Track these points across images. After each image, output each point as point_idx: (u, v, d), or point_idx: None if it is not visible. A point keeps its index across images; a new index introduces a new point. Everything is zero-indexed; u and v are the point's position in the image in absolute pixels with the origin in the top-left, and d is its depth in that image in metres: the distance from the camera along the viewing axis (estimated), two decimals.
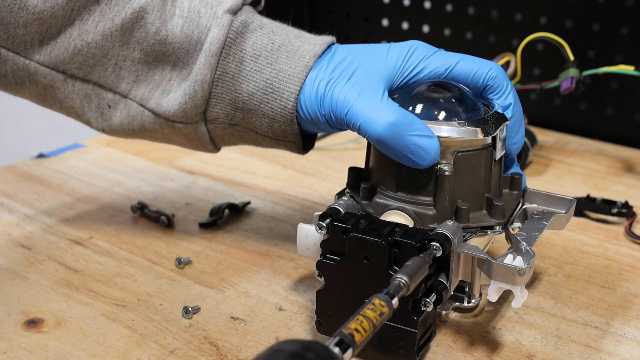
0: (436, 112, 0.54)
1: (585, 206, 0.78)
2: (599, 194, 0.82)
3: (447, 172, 0.53)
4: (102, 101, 0.60)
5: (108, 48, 0.58)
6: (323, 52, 0.58)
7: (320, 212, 0.55)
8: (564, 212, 0.59)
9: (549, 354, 0.56)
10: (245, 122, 0.59)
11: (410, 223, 0.54)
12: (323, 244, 0.53)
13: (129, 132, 0.62)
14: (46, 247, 0.69)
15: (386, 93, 0.54)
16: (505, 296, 0.62)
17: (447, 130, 0.53)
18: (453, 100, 0.55)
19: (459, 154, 0.53)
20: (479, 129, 0.53)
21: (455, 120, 0.54)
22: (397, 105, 0.53)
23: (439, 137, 0.53)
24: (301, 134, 0.59)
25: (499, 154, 0.56)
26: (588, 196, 0.79)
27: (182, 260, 0.67)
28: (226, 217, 0.76)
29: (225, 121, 0.59)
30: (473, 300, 0.59)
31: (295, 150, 0.61)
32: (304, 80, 0.56)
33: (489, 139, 0.54)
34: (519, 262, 0.51)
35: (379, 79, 0.55)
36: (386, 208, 0.55)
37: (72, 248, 0.69)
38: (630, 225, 0.75)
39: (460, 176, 0.54)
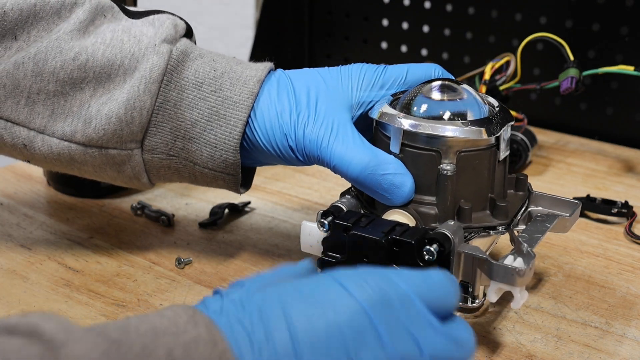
0: (440, 112, 0.54)
1: (585, 206, 0.78)
2: (599, 194, 0.82)
3: (449, 172, 0.53)
4: (17, 140, 0.58)
5: (19, 78, 0.56)
6: (265, 78, 0.58)
7: (323, 210, 0.55)
8: (568, 215, 0.59)
9: (549, 354, 0.56)
10: (185, 153, 0.58)
11: (412, 222, 0.54)
12: (324, 242, 0.53)
13: (56, 166, 0.60)
14: (46, 247, 0.69)
15: (355, 130, 0.56)
16: (506, 296, 0.62)
17: (451, 130, 0.53)
18: (457, 100, 0.55)
19: (462, 153, 0.53)
20: (483, 129, 0.53)
21: (459, 120, 0.54)
22: (368, 144, 0.55)
23: (442, 136, 0.53)
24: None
25: (503, 154, 0.56)
26: (588, 196, 0.79)
27: (182, 260, 0.67)
28: (226, 217, 0.75)
29: (164, 151, 0.58)
30: (477, 301, 0.59)
31: (232, 186, 0.60)
32: (252, 108, 0.56)
33: (492, 139, 0.54)
34: (519, 263, 0.51)
35: (344, 112, 0.56)
36: (389, 207, 0.55)
37: (72, 248, 0.69)
38: (630, 225, 0.75)
39: (463, 176, 0.54)
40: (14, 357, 0.32)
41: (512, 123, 0.56)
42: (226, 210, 0.76)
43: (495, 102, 0.58)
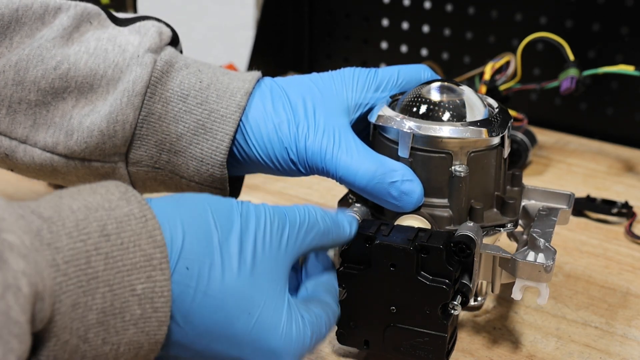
0: (447, 114, 0.54)
1: (585, 206, 0.78)
2: (599, 194, 0.82)
3: (463, 174, 0.53)
4: None
5: (0, 87, 0.54)
6: (254, 89, 0.56)
7: None
8: (567, 207, 0.59)
9: (549, 354, 0.56)
10: (171, 166, 0.56)
11: (427, 226, 0.54)
12: (343, 254, 0.52)
13: (40, 175, 0.58)
14: None
15: (356, 136, 0.55)
16: (506, 296, 0.62)
17: (461, 131, 0.53)
18: (460, 100, 0.55)
19: (472, 154, 0.53)
20: (492, 129, 0.53)
21: (465, 121, 0.54)
22: (372, 151, 0.54)
23: (456, 138, 0.53)
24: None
25: (506, 152, 0.56)
26: (588, 196, 0.79)
27: None
28: None
29: (150, 164, 0.56)
30: (479, 299, 0.59)
31: None
32: (239, 121, 0.55)
33: (498, 138, 0.54)
34: (542, 258, 0.51)
35: (343, 118, 0.56)
36: (400, 213, 0.55)
37: None
38: (630, 225, 0.75)
39: (474, 176, 0.54)
40: None
41: (511, 121, 0.57)
42: None
43: (493, 102, 0.58)
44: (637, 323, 0.60)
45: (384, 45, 1.16)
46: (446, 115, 0.54)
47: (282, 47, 1.23)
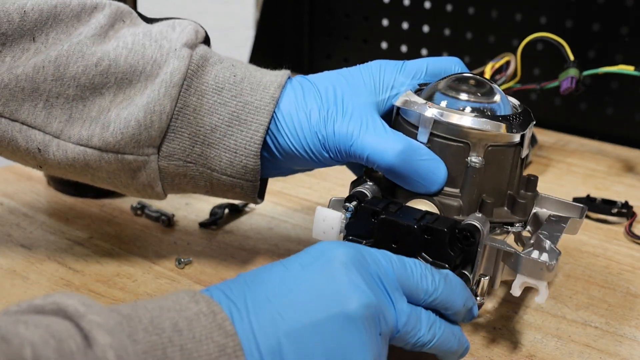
0: (471, 105, 0.54)
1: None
2: (599, 194, 0.82)
3: (477, 165, 0.53)
4: (31, 144, 0.56)
5: (39, 81, 0.55)
6: (285, 83, 0.58)
7: (338, 198, 0.55)
8: (578, 216, 0.59)
9: (549, 354, 0.56)
10: (203, 159, 0.58)
11: (436, 212, 0.54)
12: (348, 227, 0.53)
13: (69, 172, 0.59)
14: (46, 247, 0.69)
15: (383, 121, 0.56)
16: (505, 296, 0.62)
17: (484, 123, 0.53)
18: (486, 95, 0.55)
19: (490, 148, 0.53)
20: (513, 125, 0.54)
21: (489, 114, 0.54)
22: (399, 133, 0.55)
23: (476, 129, 0.53)
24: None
25: (524, 152, 0.56)
26: (588, 196, 0.79)
27: (182, 260, 0.67)
28: (226, 217, 0.75)
29: (182, 158, 0.57)
30: (479, 298, 0.59)
31: (249, 194, 0.59)
32: (273, 112, 0.56)
33: (518, 137, 0.54)
34: (547, 257, 0.51)
35: (371, 106, 0.57)
36: (411, 197, 0.55)
37: (72, 248, 0.69)
38: (630, 225, 0.75)
39: (488, 170, 0.54)
40: (54, 332, 0.35)
41: (534, 123, 0.57)
42: (226, 210, 0.76)
43: (517, 102, 0.58)
44: (637, 323, 0.60)
45: (384, 45, 1.16)
46: (475, 108, 0.54)
47: (282, 47, 1.23)
